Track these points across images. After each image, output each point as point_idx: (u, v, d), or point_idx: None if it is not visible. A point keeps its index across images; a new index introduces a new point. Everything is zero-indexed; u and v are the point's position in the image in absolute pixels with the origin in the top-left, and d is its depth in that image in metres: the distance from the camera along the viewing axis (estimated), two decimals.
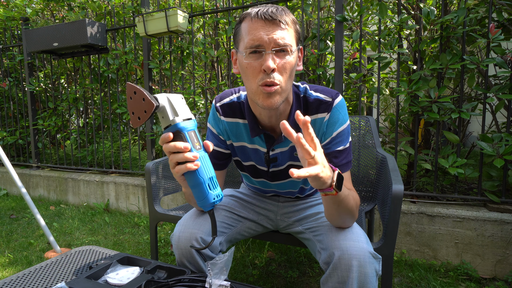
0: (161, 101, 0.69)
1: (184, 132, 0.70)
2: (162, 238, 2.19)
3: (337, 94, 0.92)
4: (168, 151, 0.70)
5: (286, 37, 0.80)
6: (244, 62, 0.82)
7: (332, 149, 0.91)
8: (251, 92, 0.85)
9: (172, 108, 0.70)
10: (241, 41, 0.84)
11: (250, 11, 0.82)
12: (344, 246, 0.81)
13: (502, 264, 1.64)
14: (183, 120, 0.70)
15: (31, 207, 1.88)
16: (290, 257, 1.87)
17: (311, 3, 2.24)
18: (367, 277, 0.78)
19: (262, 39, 0.78)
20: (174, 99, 0.70)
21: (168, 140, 0.69)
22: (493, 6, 1.71)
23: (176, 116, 0.69)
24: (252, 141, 0.99)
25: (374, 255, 0.81)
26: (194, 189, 0.72)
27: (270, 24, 0.79)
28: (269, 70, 0.78)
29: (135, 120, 0.69)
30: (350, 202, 0.81)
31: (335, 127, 0.91)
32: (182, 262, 0.94)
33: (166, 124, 0.70)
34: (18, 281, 0.87)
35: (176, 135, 0.70)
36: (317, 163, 0.66)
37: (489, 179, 1.83)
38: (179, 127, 0.69)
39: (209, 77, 2.76)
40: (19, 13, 3.36)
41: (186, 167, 0.69)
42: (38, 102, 3.44)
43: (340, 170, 0.89)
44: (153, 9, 2.72)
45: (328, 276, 0.82)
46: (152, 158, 2.75)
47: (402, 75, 2.12)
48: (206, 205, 0.72)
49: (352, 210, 0.83)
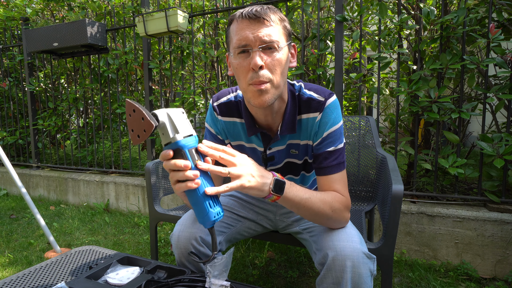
0: (161, 117, 0.68)
1: (185, 149, 0.68)
2: (162, 238, 2.19)
3: (331, 94, 0.92)
4: (168, 169, 0.69)
5: (272, 34, 0.80)
6: (234, 63, 0.83)
7: (322, 149, 0.91)
8: (243, 91, 0.86)
9: (172, 125, 0.68)
10: (230, 42, 0.85)
11: (236, 13, 0.83)
12: (337, 247, 0.80)
13: (502, 264, 1.64)
14: (183, 137, 0.69)
15: (31, 207, 1.88)
16: (290, 257, 1.87)
17: (311, 3, 2.24)
18: (361, 277, 0.78)
19: (248, 37, 0.79)
20: (175, 115, 0.69)
21: (168, 158, 0.68)
22: (493, 6, 1.71)
23: (176, 134, 0.68)
24: (250, 140, 1.00)
25: (368, 255, 0.81)
26: (195, 206, 0.71)
27: (255, 23, 0.79)
28: (256, 67, 0.78)
29: (135, 138, 0.68)
30: (315, 205, 0.81)
31: (326, 127, 0.90)
32: (181, 262, 0.94)
33: (167, 141, 0.69)
34: (18, 281, 0.87)
35: (177, 152, 0.69)
36: (239, 176, 0.71)
37: (489, 179, 1.83)
38: (180, 145, 0.68)
39: (209, 77, 2.76)
40: (19, 13, 3.36)
41: (186, 186, 0.68)
42: (38, 102, 3.44)
43: (330, 171, 0.89)
44: (153, 9, 2.72)
45: (323, 277, 0.82)
46: (152, 158, 2.75)
47: (402, 75, 2.12)
48: (207, 222, 0.71)
49: (323, 213, 0.83)
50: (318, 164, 0.91)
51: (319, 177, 0.91)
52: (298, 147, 0.97)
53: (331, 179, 0.89)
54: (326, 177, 0.90)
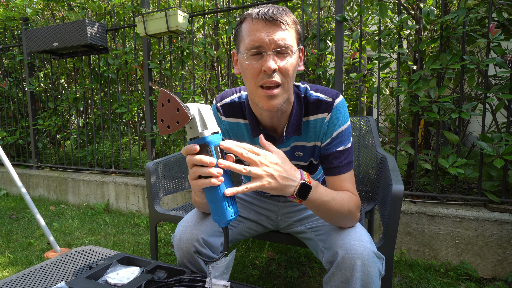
0: (192, 111, 0.68)
1: (211, 146, 0.68)
2: (162, 238, 2.19)
3: (338, 94, 0.92)
4: (192, 164, 0.69)
5: (287, 38, 0.79)
6: (245, 63, 0.82)
7: (332, 149, 0.91)
8: (251, 93, 0.85)
9: (202, 120, 0.68)
10: (241, 42, 0.83)
11: (251, 12, 0.81)
12: (348, 246, 0.80)
13: (502, 264, 1.64)
14: (211, 134, 0.68)
15: (31, 207, 1.88)
16: (290, 257, 1.87)
17: (311, 3, 2.24)
18: (371, 276, 0.78)
19: (263, 40, 0.78)
20: (204, 110, 0.69)
21: (193, 152, 0.68)
22: (493, 6, 1.71)
23: (205, 129, 0.68)
24: (253, 142, 0.99)
25: (377, 255, 0.81)
26: (212, 204, 0.71)
27: (270, 25, 0.78)
28: (270, 71, 0.78)
29: (164, 128, 0.67)
30: (334, 206, 0.80)
31: (336, 127, 0.90)
32: (183, 262, 0.94)
33: (194, 135, 0.69)
34: (18, 281, 0.87)
35: (202, 148, 0.68)
36: (260, 176, 0.69)
37: (489, 179, 1.83)
38: (207, 141, 0.68)
39: (209, 77, 2.76)
40: (19, 13, 3.36)
41: (209, 182, 0.68)
42: (38, 102, 3.44)
43: (342, 170, 0.89)
44: (153, 9, 2.72)
45: (332, 275, 0.82)
46: (152, 158, 2.75)
47: (402, 75, 2.12)
48: (222, 221, 0.71)
49: (340, 214, 0.82)
50: (328, 165, 0.91)
51: (329, 177, 0.91)
52: (304, 149, 0.97)
53: (342, 178, 0.90)
54: (337, 177, 0.90)
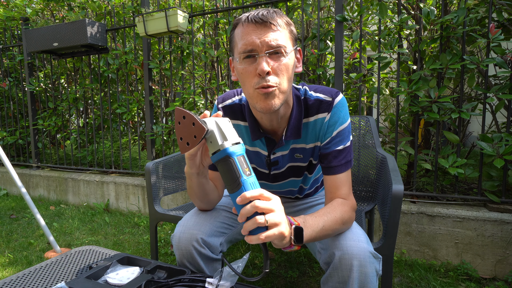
0: (210, 125, 0.67)
1: (234, 157, 0.66)
2: (162, 238, 2.19)
3: (338, 93, 0.92)
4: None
5: (279, 39, 0.79)
6: (239, 68, 0.82)
7: (331, 148, 0.91)
8: (248, 97, 0.85)
9: (220, 132, 0.67)
10: (235, 47, 0.83)
11: (242, 17, 0.81)
12: (344, 246, 0.80)
13: (502, 264, 1.64)
14: (232, 145, 0.67)
15: (31, 207, 1.88)
16: (290, 257, 1.87)
17: (311, 3, 2.24)
18: (368, 277, 0.78)
19: (254, 42, 0.78)
20: (222, 122, 0.68)
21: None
22: (493, 6, 1.71)
23: (225, 141, 0.67)
24: (253, 144, 0.99)
25: (374, 255, 0.81)
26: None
27: (261, 27, 0.78)
28: (263, 73, 0.77)
29: (184, 146, 0.66)
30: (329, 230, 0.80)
31: (336, 126, 0.90)
32: (182, 262, 0.94)
33: (215, 149, 0.67)
34: (18, 281, 0.87)
35: (225, 160, 0.66)
36: (277, 224, 0.65)
37: (489, 179, 1.83)
38: (229, 152, 0.66)
39: (209, 77, 2.76)
40: (19, 13, 3.35)
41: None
42: (38, 102, 3.43)
43: (340, 169, 0.89)
44: (153, 9, 2.72)
45: (329, 276, 0.82)
46: (152, 158, 2.75)
47: (402, 75, 2.12)
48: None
49: (335, 231, 0.82)
50: (327, 164, 0.91)
51: (327, 177, 0.91)
52: (304, 151, 0.97)
53: (339, 180, 0.89)
54: (335, 177, 0.90)
